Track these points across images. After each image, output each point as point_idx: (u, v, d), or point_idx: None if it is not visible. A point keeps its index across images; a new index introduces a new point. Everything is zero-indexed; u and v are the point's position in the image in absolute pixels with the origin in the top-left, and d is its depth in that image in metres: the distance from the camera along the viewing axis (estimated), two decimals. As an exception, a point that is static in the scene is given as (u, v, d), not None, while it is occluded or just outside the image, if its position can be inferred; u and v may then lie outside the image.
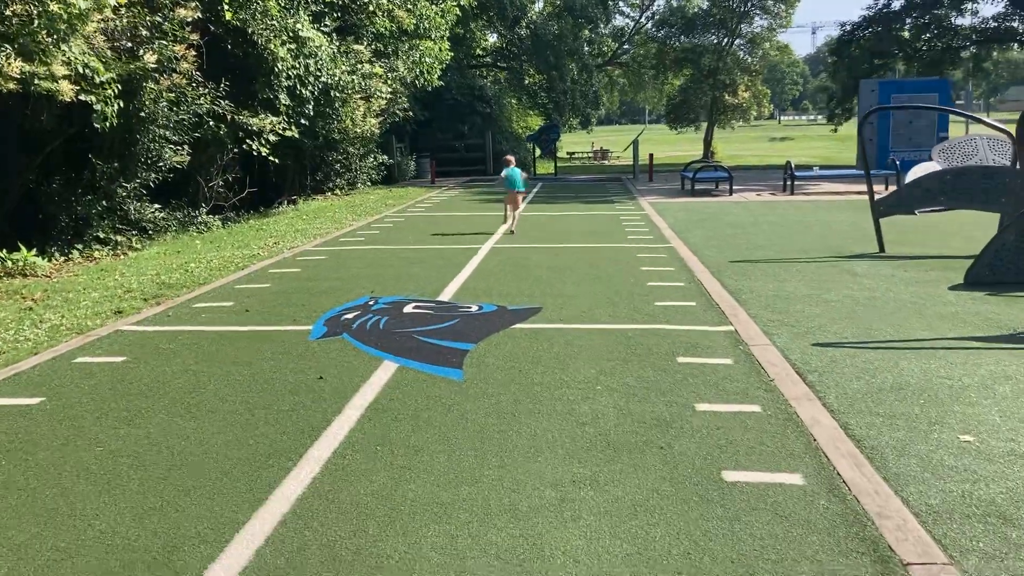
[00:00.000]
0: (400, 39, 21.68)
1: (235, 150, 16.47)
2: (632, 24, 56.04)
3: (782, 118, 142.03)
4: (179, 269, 10.56)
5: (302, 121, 17.47)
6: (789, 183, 19.67)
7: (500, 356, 5.99)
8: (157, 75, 12.37)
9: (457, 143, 31.27)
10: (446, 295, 8.28)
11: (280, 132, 16.72)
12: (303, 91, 17.02)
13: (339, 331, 6.83)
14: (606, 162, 55.10)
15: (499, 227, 13.91)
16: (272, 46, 15.51)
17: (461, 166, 30.86)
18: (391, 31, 20.78)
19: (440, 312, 7.47)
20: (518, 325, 6.90)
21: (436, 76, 24.43)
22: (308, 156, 21.45)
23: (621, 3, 51.77)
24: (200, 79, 14.74)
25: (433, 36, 23.93)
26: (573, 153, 58.35)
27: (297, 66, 16.63)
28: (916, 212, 14.86)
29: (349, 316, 7.36)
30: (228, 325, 7.22)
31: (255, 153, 16.27)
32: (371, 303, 7.91)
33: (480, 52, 38.03)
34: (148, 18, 12.07)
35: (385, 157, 24.94)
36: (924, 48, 37.11)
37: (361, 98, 19.02)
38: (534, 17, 35.48)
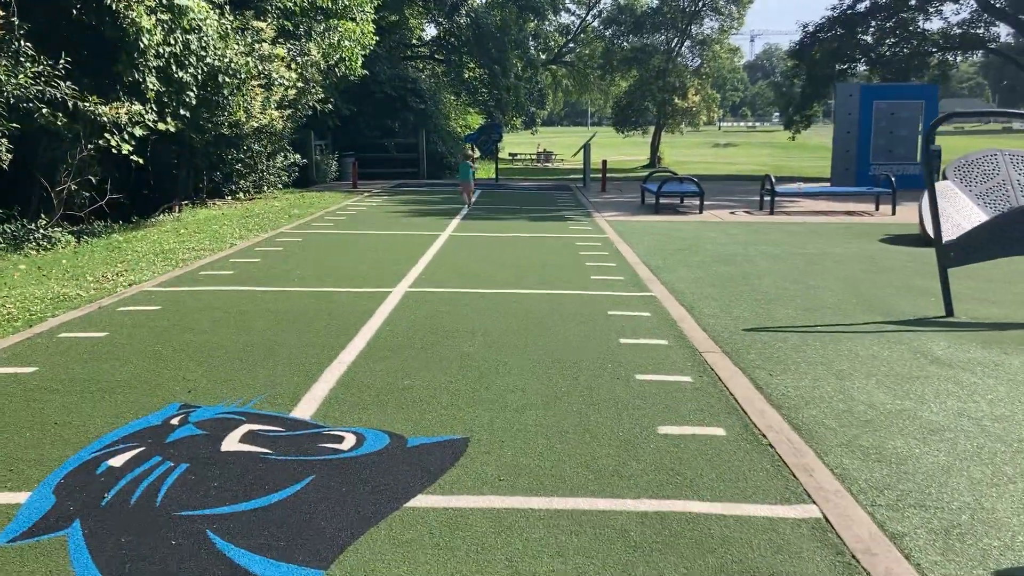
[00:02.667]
0: (314, 17, 18.26)
1: (90, 146, 12.90)
2: (577, 22, 53.26)
3: (722, 124, 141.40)
4: (-58, 322, 7.11)
5: (181, 112, 13.97)
6: (768, 200, 16.84)
7: (368, 623, 2.78)
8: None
9: (387, 142, 27.88)
10: (311, 401, 5.02)
11: (151, 124, 13.24)
12: (181, 74, 13.54)
13: (69, 516, 3.52)
14: (550, 165, 52.19)
15: (424, 253, 10.69)
16: (134, 15, 12.00)
17: (391, 167, 27.50)
18: (302, 7, 17.36)
19: (287, 448, 4.22)
20: (418, 499, 3.69)
21: (359, 64, 21.03)
22: (200, 154, 17.91)
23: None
24: (31, 52, 11.20)
25: (357, 17, 20.56)
26: (515, 154, 55.34)
27: (172, 42, 13.14)
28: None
29: (116, 463, 4.05)
30: None
31: (115, 151, 12.75)
32: (175, 421, 4.61)
33: (415, 42, 34.66)
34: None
35: (298, 156, 21.45)
36: (888, 53, 34.95)
37: (260, 85, 15.56)
38: (475, 5, 32.25)
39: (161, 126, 13.50)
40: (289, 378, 5.44)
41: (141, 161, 13.00)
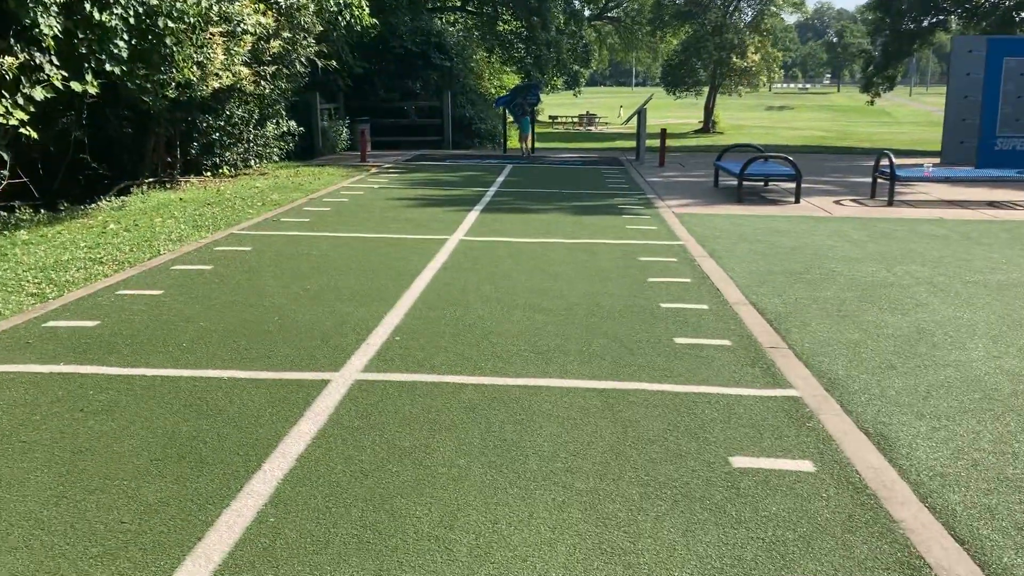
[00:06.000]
0: (303, -51, 14.54)
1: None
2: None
3: (772, 86, 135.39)
4: None
5: (108, 67, 10.44)
6: (883, 186, 12.94)
7: None
8: None
9: (406, 105, 24.16)
10: None
11: (59, 84, 9.77)
12: (102, 16, 9.97)
13: None
14: (593, 129, 48.09)
15: (415, 279, 7.04)
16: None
17: (411, 135, 23.82)
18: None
19: None
20: None
21: (366, 11, 17.30)
22: (164, 122, 14.42)
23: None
24: None
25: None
26: (556, 117, 51.29)
27: (86, -30, 9.57)
28: None
29: None
30: None
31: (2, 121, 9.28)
32: None
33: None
34: None
35: (292, 124, 17.87)
36: (986, 3, 30.23)
37: (223, 34, 11.92)
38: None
39: (76, 86, 9.99)
40: None
41: (35, 136, 9.48)
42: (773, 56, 50.19)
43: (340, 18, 17.29)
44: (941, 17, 31.57)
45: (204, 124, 15.43)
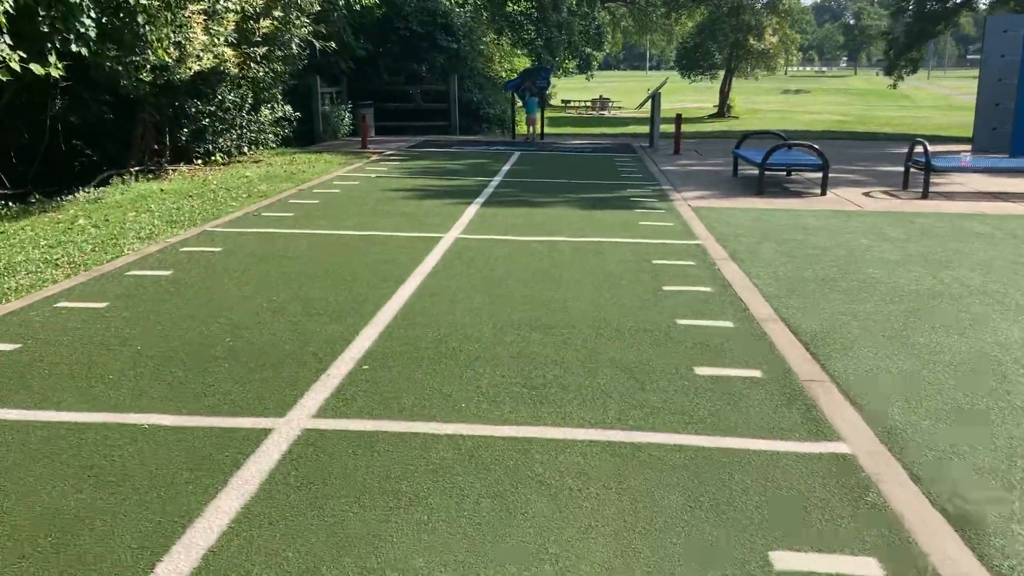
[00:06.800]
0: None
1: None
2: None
3: (788, 69, 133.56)
4: None
5: (74, 47, 9.58)
6: (917, 177, 11.96)
7: None
8: None
9: (412, 89, 23.22)
10: None
11: (22, 66, 8.94)
12: (65, -9, 9.09)
13: None
14: (606, 113, 46.97)
15: (397, 288, 6.15)
16: None
17: (417, 120, 22.92)
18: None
19: None
20: None
21: (366, -12, 16.37)
22: (149, 108, 13.58)
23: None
24: None
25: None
26: (569, 102, 50.20)
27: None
28: None
29: None
30: None
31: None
32: None
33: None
34: None
35: (288, 108, 17.00)
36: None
37: (203, 12, 11.02)
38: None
39: (37, 68, 9.12)
40: None
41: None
42: (791, 38, 48.83)
43: (338, -2, 16.38)
44: (968, -2, 30.28)
45: (193, 109, 14.58)
